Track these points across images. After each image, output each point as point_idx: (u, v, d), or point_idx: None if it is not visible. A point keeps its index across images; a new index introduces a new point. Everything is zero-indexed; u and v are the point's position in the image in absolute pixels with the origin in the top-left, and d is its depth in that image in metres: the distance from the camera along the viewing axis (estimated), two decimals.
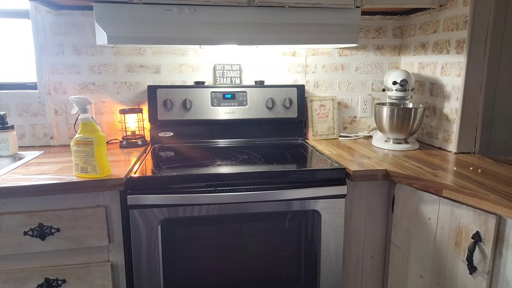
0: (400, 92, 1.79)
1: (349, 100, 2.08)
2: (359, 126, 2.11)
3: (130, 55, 1.86)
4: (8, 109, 1.79)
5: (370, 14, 1.98)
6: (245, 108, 1.88)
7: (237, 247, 1.44)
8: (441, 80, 1.76)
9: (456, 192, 1.21)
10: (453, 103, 1.69)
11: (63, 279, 1.33)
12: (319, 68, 2.02)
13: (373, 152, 1.72)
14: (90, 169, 1.30)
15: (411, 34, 1.99)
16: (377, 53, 2.05)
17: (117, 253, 1.37)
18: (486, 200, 1.12)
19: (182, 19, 1.52)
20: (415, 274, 1.41)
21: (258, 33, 1.59)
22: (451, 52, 1.69)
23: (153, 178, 1.39)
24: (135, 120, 1.85)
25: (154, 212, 1.34)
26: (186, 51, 1.89)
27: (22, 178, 1.31)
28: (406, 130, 1.74)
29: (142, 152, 1.71)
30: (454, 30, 1.66)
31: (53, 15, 1.75)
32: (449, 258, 1.27)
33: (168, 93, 1.83)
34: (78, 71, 1.82)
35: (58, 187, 1.26)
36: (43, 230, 1.27)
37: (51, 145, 1.85)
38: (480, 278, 1.16)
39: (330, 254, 1.47)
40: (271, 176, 1.39)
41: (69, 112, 1.83)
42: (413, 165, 1.49)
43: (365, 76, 2.07)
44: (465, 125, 1.66)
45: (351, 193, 1.47)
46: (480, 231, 1.15)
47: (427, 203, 1.34)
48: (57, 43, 1.78)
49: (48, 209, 1.28)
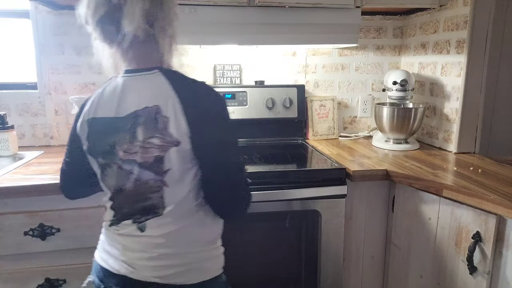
0: (400, 92, 1.79)
1: (349, 100, 2.08)
2: (359, 126, 2.11)
3: None
4: (8, 109, 1.78)
5: (370, 14, 1.98)
6: (245, 108, 1.88)
7: (237, 246, 1.44)
8: (441, 80, 1.76)
9: (456, 192, 1.21)
10: (453, 103, 1.69)
11: (63, 279, 1.33)
12: (319, 68, 2.02)
13: (373, 152, 1.72)
14: None
15: (411, 34, 1.99)
16: (377, 53, 2.05)
17: None
18: (486, 200, 1.12)
19: (182, 19, 1.51)
20: (415, 274, 1.41)
21: (258, 33, 1.59)
22: (451, 52, 1.69)
23: None
24: None
25: None
26: (186, 51, 1.89)
27: (23, 178, 1.31)
28: (406, 130, 1.75)
29: None
30: (454, 30, 1.66)
31: (54, 15, 1.75)
32: (449, 258, 1.27)
33: None
34: (78, 71, 1.82)
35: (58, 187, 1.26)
36: (43, 230, 1.27)
37: (51, 145, 1.85)
38: (480, 278, 1.17)
39: (330, 254, 1.47)
40: (272, 176, 1.39)
41: (69, 112, 1.83)
42: (413, 165, 1.49)
43: (365, 76, 2.07)
44: (465, 125, 1.66)
45: (351, 193, 1.47)
46: (480, 231, 1.15)
47: (427, 203, 1.34)
48: (57, 43, 1.78)
49: (48, 209, 1.28)
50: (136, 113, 0.85)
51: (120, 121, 0.86)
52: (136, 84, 0.88)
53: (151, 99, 0.84)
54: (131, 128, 0.85)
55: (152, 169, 0.84)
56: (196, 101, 0.85)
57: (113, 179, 0.90)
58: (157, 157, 0.83)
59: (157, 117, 0.83)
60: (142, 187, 0.87)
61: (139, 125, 0.84)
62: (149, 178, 0.85)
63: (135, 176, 0.86)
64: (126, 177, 0.87)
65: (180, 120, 0.82)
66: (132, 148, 0.85)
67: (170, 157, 0.83)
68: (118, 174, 0.88)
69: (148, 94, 0.85)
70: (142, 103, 0.84)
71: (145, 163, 0.85)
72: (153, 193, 0.86)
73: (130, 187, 0.87)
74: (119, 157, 0.87)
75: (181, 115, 0.82)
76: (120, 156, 0.86)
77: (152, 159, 0.84)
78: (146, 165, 0.85)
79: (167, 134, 0.82)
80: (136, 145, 0.84)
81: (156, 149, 0.83)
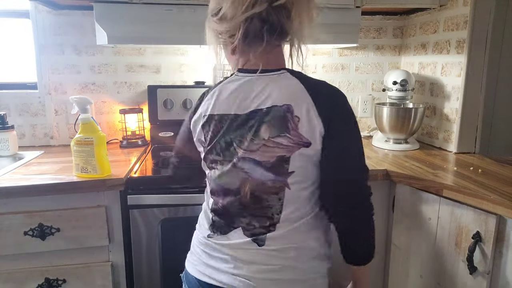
0: (400, 92, 1.79)
1: (349, 100, 2.06)
2: (359, 126, 2.10)
3: (130, 55, 1.86)
4: (8, 109, 1.78)
5: (370, 14, 1.97)
6: None
7: None
8: (441, 80, 1.76)
9: (456, 192, 1.21)
10: (453, 103, 1.69)
11: (63, 279, 1.33)
12: (319, 68, 2.02)
13: (373, 152, 1.72)
14: (90, 169, 1.30)
15: (411, 34, 1.99)
16: (377, 53, 2.05)
17: (117, 253, 1.37)
18: (486, 200, 1.12)
19: (182, 19, 1.51)
20: (415, 274, 1.41)
21: None
22: (451, 52, 1.69)
23: (153, 178, 1.39)
24: (135, 120, 1.85)
25: (154, 212, 1.34)
26: (186, 51, 1.89)
27: (23, 178, 1.31)
28: (406, 130, 1.74)
29: (142, 152, 1.71)
30: (454, 30, 1.66)
31: (53, 15, 1.75)
32: (449, 258, 1.27)
33: (168, 93, 1.83)
34: (78, 71, 1.82)
35: (58, 187, 1.26)
36: (43, 230, 1.27)
37: (51, 145, 1.85)
38: (480, 278, 1.16)
39: None
40: None
41: (69, 112, 1.83)
42: (413, 165, 1.49)
43: (365, 76, 2.07)
44: (465, 125, 1.66)
45: None
46: (480, 231, 1.15)
47: (427, 203, 1.34)
48: (57, 43, 1.78)
49: (48, 209, 1.28)
50: (262, 111, 0.80)
51: (240, 118, 0.82)
52: (263, 83, 0.83)
53: (282, 98, 0.80)
54: (253, 125, 0.80)
55: (274, 170, 0.80)
56: (328, 98, 0.82)
57: (226, 178, 0.84)
58: (282, 157, 0.79)
59: (287, 116, 0.79)
60: (259, 188, 0.81)
61: (264, 123, 0.80)
62: (269, 179, 0.80)
63: (252, 175, 0.81)
64: (241, 176, 0.82)
65: (313, 121, 0.79)
66: (253, 146, 0.80)
67: (296, 159, 0.79)
68: (232, 173, 0.83)
69: (278, 93, 0.81)
70: (270, 102, 0.80)
71: (266, 162, 0.80)
72: (272, 194, 0.81)
73: (246, 184, 0.82)
74: (238, 155, 0.82)
75: (315, 116, 0.79)
76: (239, 155, 0.81)
77: (274, 159, 0.79)
78: (267, 164, 0.80)
79: (297, 136, 0.78)
80: (258, 144, 0.80)
81: (281, 149, 0.79)
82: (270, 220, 0.82)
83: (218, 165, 0.85)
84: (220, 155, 0.84)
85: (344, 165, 0.83)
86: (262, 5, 0.76)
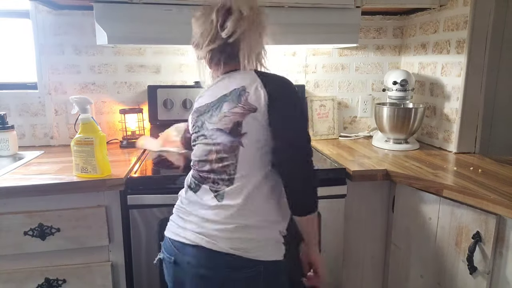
0: (400, 92, 1.79)
1: (349, 100, 2.08)
2: (359, 126, 2.11)
3: (130, 55, 1.86)
4: (8, 109, 1.78)
5: (370, 14, 1.97)
6: None
7: None
8: (441, 80, 1.76)
9: (456, 192, 1.21)
10: (453, 103, 1.69)
11: (63, 279, 1.34)
12: (319, 68, 2.02)
13: (373, 152, 1.72)
14: (90, 169, 1.30)
15: (411, 34, 1.99)
16: (377, 53, 2.05)
17: (117, 253, 1.37)
18: (486, 200, 1.12)
19: (181, 19, 1.51)
20: (416, 274, 1.41)
21: None
22: (451, 52, 1.69)
23: (153, 178, 1.39)
24: (135, 120, 1.84)
25: (154, 212, 1.34)
26: (186, 51, 1.89)
27: (22, 178, 1.31)
28: (406, 130, 1.74)
29: (142, 152, 1.71)
30: (454, 30, 1.66)
31: (53, 15, 1.75)
32: (450, 258, 1.27)
33: (168, 93, 1.83)
34: (78, 71, 1.82)
35: (58, 187, 1.26)
36: (43, 230, 1.27)
37: (51, 145, 1.85)
38: (480, 278, 1.16)
39: (330, 254, 1.47)
40: None
41: (69, 112, 1.83)
42: (413, 165, 1.49)
43: (365, 76, 2.07)
44: (465, 125, 1.66)
45: (351, 193, 1.47)
46: (480, 231, 1.15)
47: (427, 203, 1.34)
48: (57, 43, 1.78)
49: (48, 209, 1.28)
50: (226, 95, 1.02)
51: (212, 104, 1.04)
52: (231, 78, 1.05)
53: (240, 84, 1.02)
54: (219, 105, 1.02)
55: (231, 133, 0.99)
56: (274, 80, 1.04)
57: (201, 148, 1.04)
58: (236, 122, 0.98)
59: (241, 93, 1.00)
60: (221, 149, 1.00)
61: (225, 102, 1.01)
62: (228, 140, 0.99)
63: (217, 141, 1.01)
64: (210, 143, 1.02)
65: (259, 92, 0.99)
66: (217, 119, 1.01)
67: (247, 122, 0.98)
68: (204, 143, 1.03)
69: (239, 82, 1.02)
70: (232, 87, 1.02)
71: (226, 128, 1.00)
72: (230, 153, 0.99)
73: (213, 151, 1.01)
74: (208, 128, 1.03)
75: (261, 88, 0.99)
76: (209, 128, 1.03)
77: (231, 125, 0.99)
78: (227, 130, 1.00)
79: (247, 104, 0.99)
80: (220, 116, 1.01)
81: (236, 115, 0.99)
82: (228, 175, 1.00)
83: (197, 141, 1.06)
84: (197, 132, 1.06)
85: (286, 126, 1.00)
86: (219, 41, 1.01)
